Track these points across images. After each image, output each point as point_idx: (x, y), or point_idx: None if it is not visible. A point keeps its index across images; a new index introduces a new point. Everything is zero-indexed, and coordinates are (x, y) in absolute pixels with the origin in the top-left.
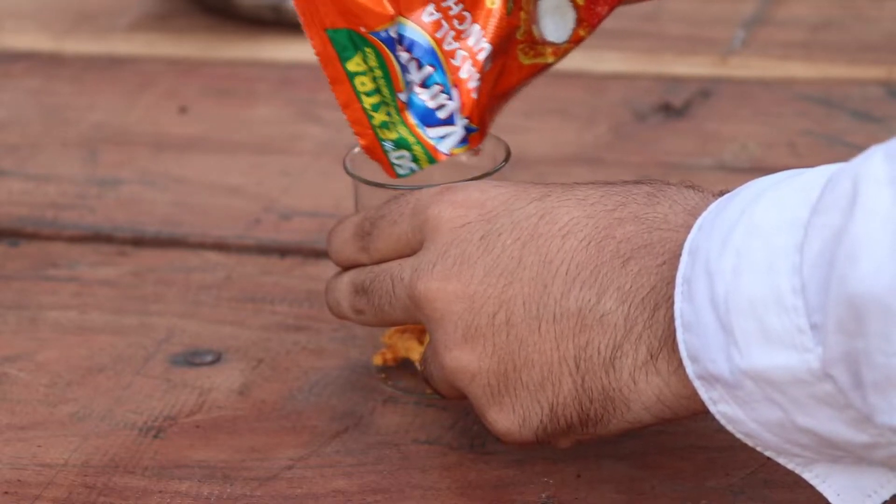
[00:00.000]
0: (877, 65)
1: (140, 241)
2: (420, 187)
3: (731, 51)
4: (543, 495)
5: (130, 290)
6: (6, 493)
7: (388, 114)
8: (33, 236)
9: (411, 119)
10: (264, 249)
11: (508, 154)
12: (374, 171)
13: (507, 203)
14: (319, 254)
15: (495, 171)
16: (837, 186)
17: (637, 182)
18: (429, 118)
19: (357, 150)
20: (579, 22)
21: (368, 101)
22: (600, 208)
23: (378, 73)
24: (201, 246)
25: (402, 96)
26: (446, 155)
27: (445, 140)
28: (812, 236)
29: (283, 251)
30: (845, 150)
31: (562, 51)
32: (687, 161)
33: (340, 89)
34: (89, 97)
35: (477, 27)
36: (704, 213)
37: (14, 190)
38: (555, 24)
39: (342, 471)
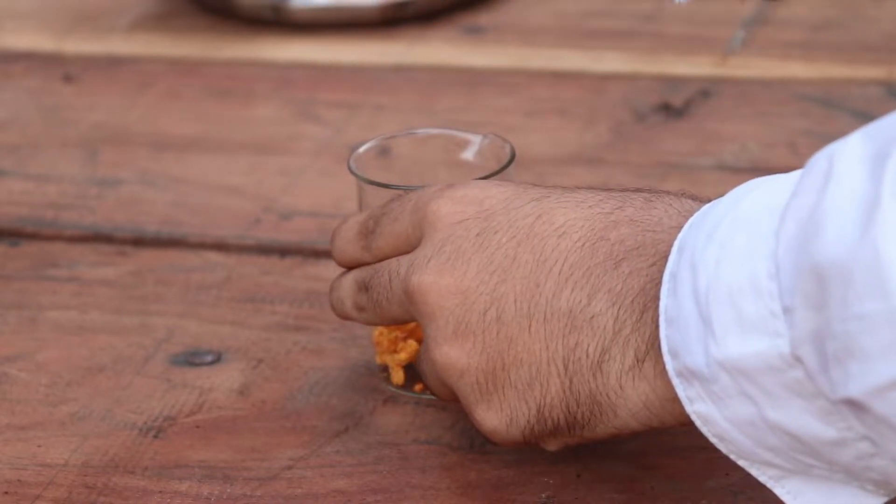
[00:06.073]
0: (877, 65)
1: (140, 241)
2: (424, 187)
3: (731, 51)
4: (543, 495)
5: (130, 290)
6: (6, 493)
7: None
8: (33, 236)
9: None
10: (264, 249)
11: (513, 155)
12: (378, 172)
13: (505, 202)
14: (319, 254)
15: (499, 171)
16: (814, 168)
17: (637, 189)
18: None
19: (361, 149)
20: None
21: None
22: (597, 211)
23: None
24: (201, 246)
25: None
26: None
27: None
28: (788, 218)
29: (283, 251)
30: None
31: None
32: (687, 161)
33: None
34: (89, 97)
35: None
36: (695, 214)
37: (14, 190)
38: None
39: (342, 471)
